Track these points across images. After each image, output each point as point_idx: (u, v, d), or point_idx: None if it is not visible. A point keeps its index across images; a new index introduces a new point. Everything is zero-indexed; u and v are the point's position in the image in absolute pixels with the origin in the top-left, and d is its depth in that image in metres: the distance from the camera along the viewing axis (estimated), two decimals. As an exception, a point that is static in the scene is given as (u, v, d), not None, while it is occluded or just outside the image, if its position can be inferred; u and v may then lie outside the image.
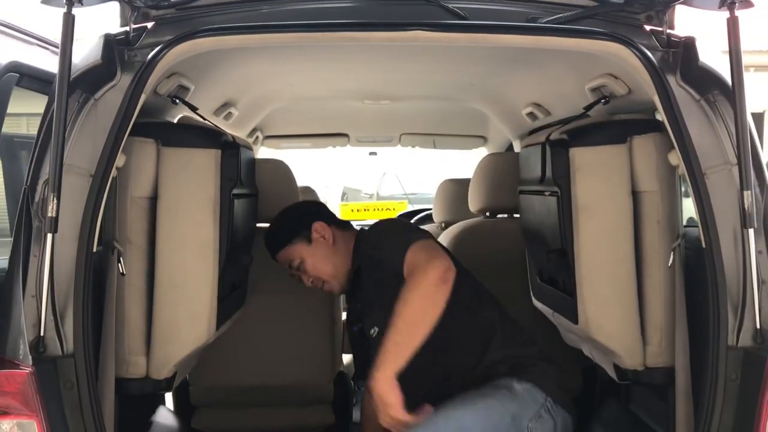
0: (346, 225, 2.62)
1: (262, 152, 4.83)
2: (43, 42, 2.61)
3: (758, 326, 1.89)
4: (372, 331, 2.36)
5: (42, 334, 1.86)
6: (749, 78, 1.91)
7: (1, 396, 1.84)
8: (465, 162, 6.25)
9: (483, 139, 4.82)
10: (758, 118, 20.81)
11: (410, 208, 6.58)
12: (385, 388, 2.01)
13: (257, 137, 4.40)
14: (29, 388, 1.82)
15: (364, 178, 10.79)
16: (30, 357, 1.84)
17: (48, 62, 2.44)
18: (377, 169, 9.51)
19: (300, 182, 3.24)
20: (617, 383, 2.38)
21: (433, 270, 2.09)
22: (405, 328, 2.04)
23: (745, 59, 1.90)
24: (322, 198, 4.97)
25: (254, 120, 3.97)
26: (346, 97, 3.80)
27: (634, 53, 1.98)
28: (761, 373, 1.84)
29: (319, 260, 2.49)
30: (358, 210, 6.82)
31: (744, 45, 1.89)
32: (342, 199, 10.19)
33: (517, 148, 4.19)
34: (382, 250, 2.30)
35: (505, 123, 3.94)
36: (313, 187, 4.00)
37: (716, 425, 1.89)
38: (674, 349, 2.12)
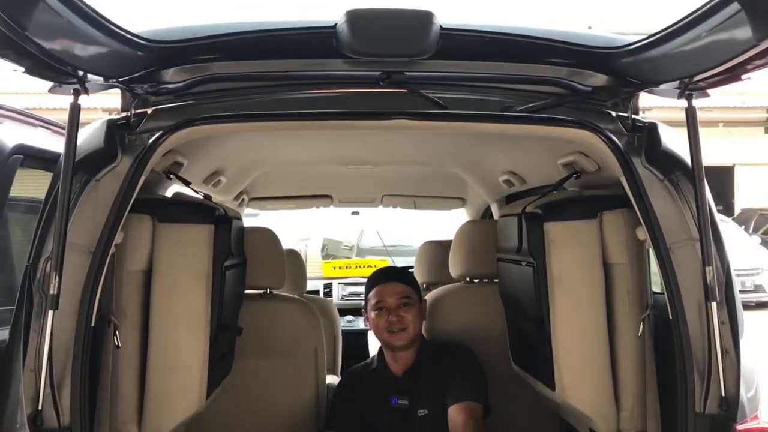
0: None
1: (247, 211, 4.93)
2: (45, 123, 2.72)
3: (723, 394, 1.99)
4: (420, 412, 2.78)
5: (40, 407, 1.90)
6: (719, 132, 2.07)
7: (-1, 469, 1.90)
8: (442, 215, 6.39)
9: (462, 201, 4.97)
10: (728, 171, 21.35)
11: (391, 264, 6.67)
12: None
13: (243, 199, 4.51)
14: (27, 461, 1.87)
15: (345, 230, 10.87)
16: (28, 430, 1.89)
17: (50, 142, 2.55)
18: (358, 224, 9.62)
19: (279, 233, 3.32)
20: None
21: None
22: None
23: (715, 115, 2.07)
24: (302, 251, 5.04)
25: (241, 185, 4.08)
26: (330, 162, 3.94)
27: (602, 139, 2.14)
28: (727, 440, 1.94)
29: (418, 319, 2.87)
30: (340, 267, 6.90)
31: (714, 101, 2.04)
32: (322, 251, 10.24)
33: (494, 210, 4.34)
34: (463, 375, 2.77)
35: (483, 188, 4.09)
36: (293, 240, 4.09)
37: None
38: (646, 415, 2.22)
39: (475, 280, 3.38)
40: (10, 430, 1.91)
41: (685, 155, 2.12)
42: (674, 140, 2.20)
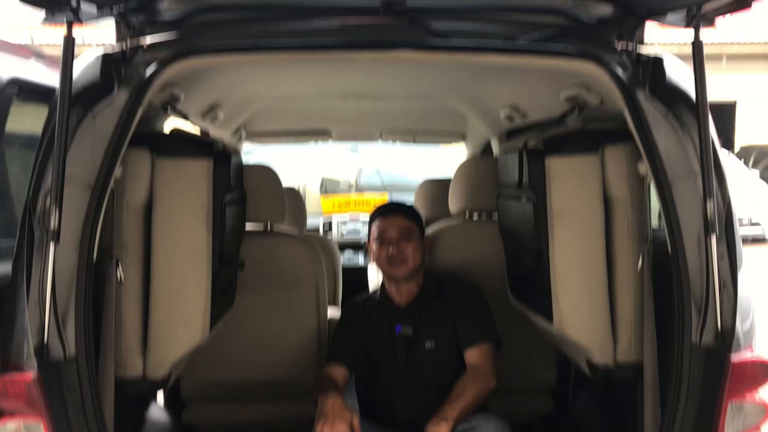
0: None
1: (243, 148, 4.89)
2: (39, 55, 2.67)
3: (719, 326, 2.02)
4: (428, 344, 2.81)
5: (45, 339, 1.94)
6: (722, 68, 2.04)
7: (8, 398, 1.93)
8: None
9: (462, 135, 4.93)
10: (730, 108, 21.16)
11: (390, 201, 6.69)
12: (442, 430, 2.45)
13: (241, 134, 4.47)
14: (34, 391, 1.91)
15: (343, 169, 10.86)
16: (35, 361, 1.92)
17: (44, 74, 2.51)
18: (356, 162, 9.58)
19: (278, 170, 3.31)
20: (589, 376, 2.52)
21: (491, 384, 2.67)
22: (465, 407, 2.55)
23: (718, 49, 2.03)
24: (301, 190, 5.03)
25: (239, 119, 4.04)
26: (328, 96, 3.89)
27: (606, 71, 2.10)
28: (722, 370, 1.98)
29: (418, 252, 2.85)
30: (339, 204, 6.91)
31: (717, 35, 2.01)
32: (321, 190, 10.25)
33: (495, 145, 4.32)
34: (481, 314, 2.82)
35: (484, 122, 4.06)
36: (291, 177, 4.07)
37: (681, 416, 2.02)
38: (642, 347, 2.26)
39: (474, 217, 3.39)
40: (18, 362, 1.95)
41: (690, 89, 2.09)
42: (680, 72, 2.17)
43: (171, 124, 2.87)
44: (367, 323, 2.90)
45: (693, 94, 2.06)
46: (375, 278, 4.72)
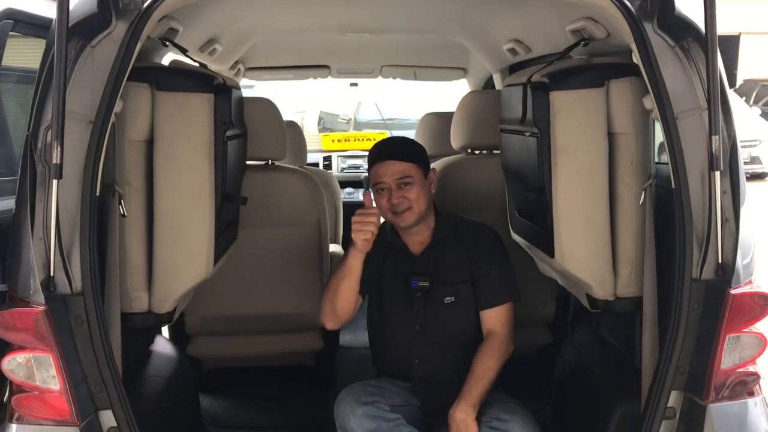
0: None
1: (243, 82, 4.83)
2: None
3: (720, 261, 2.04)
4: (447, 299, 2.69)
5: (52, 274, 1.96)
6: (724, 1, 2.00)
7: (17, 332, 1.97)
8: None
9: (463, 71, 4.87)
10: (734, 40, 20.85)
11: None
12: (471, 418, 2.48)
13: (239, 69, 4.42)
14: (43, 325, 1.94)
15: (341, 104, 10.74)
16: (42, 296, 1.95)
17: (40, 6, 2.45)
18: (355, 95, 9.47)
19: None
20: (589, 310, 2.55)
21: (510, 351, 2.64)
22: (488, 387, 2.55)
23: None
24: (299, 124, 4.99)
25: (237, 54, 3.98)
26: (328, 29, 3.82)
27: (613, 2, 2.06)
28: (721, 304, 2.01)
29: (423, 196, 2.66)
30: (338, 140, 6.87)
31: None
32: (319, 124, 10.15)
33: (497, 81, 4.27)
34: (498, 269, 2.69)
35: (486, 57, 4.00)
36: (288, 113, 4.04)
37: (678, 349, 2.06)
38: (642, 281, 2.29)
39: (477, 152, 3.37)
40: (25, 296, 1.97)
41: (699, 21, 2.05)
42: (689, 4, 2.12)
43: (169, 58, 2.83)
44: (382, 263, 2.74)
45: (702, 27, 2.02)
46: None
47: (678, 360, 2.05)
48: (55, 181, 1.91)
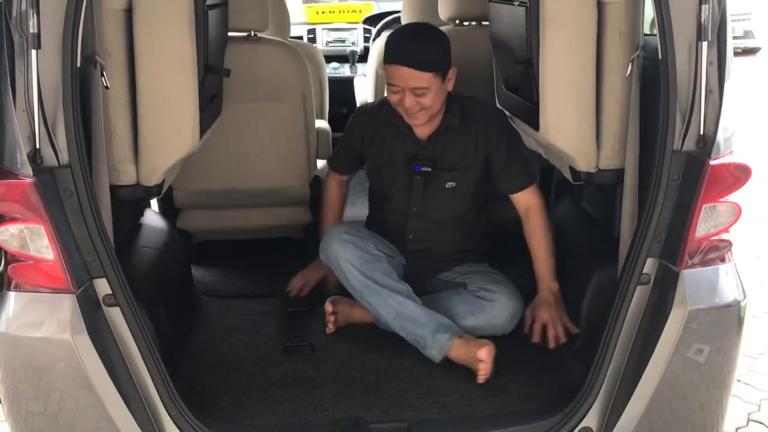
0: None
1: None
2: None
3: (702, 132, 2.07)
4: (449, 184, 2.75)
5: (38, 146, 1.95)
6: None
7: (7, 203, 1.98)
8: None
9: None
10: None
11: (377, 9, 6.47)
12: (554, 309, 2.65)
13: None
14: (32, 196, 1.95)
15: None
16: (29, 168, 1.95)
17: None
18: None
19: None
20: (571, 183, 2.60)
21: (545, 218, 2.78)
22: (552, 256, 2.74)
23: None
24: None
25: None
26: None
27: None
28: (699, 174, 2.04)
29: (438, 100, 2.63)
30: (323, 12, 6.67)
31: None
32: (303, -3, 9.83)
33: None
34: (515, 157, 2.75)
35: None
36: None
37: (656, 218, 2.11)
38: (625, 153, 2.32)
39: (465, 23, 3.31)
40: (12, 168, 1.98)
41: None
42: None
43: None
44: (383, 144, 2.77)
45: None
46: (362, 90, 4.68)
47: (655, 228, 2.11)
48: (34, 51, 1.87)
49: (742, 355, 2.31)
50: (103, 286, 2.05)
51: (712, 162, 2.04)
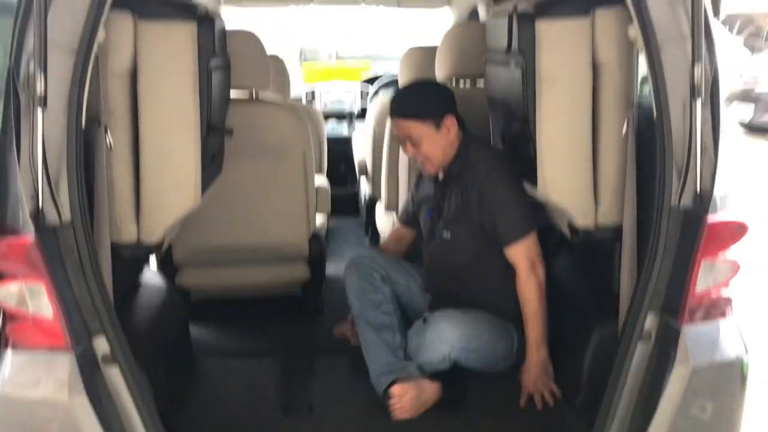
0: (462, 123, 2.79)
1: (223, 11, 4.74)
2: None
3: (698, 189, 2.09)
4: (445, 234, 2.77)
5: (40, 205, 1.96)
6: None
7: (8, 261, 1.98)
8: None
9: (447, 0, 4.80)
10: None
11: (374, 68, 6.59)
12: (540, 375, 2.64)
13: (219, -3, 4.33)
14: (34, 255, 1.95)
15: (323, 38, 10.58)
16: (31, 226, 1.96)
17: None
18: (336, 29, 9.32)
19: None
20: (570, 239, 2.62)
21: (541, 274, 2.69)
22: (537, 319, 2.67)
23: None
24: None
25: (217, -19, 3.90)
26: None
27: None
28: (697, 231, 2.06)
29: (437, 148, 2.69)
30: (320, 72, 6.80)
31: None
32: (300, 58, 10.01)
33: (481, 11, 4.22)
34: (499, 210, 2.66)
35: (471, -14, 3.95)
36: (271, 49, 3.99)
37: (656, 274, 2.12)
38: (623, 209, 2.34)
39: (461, 84, 3.37)
40: (14, 226, 1.98)
41: None
42: None
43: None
44: (422, 181, 2.96)
45: (686, -44, 2.02)
46: (360, 148, 4.74)
47: (655, 285, 2.12)
48: (39, 111, 1.90)
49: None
50: (101, 345, 2.03)
51: (709, 218, 2.06)
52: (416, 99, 2.75)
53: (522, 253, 2.66)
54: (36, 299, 1.99)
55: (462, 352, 2.61)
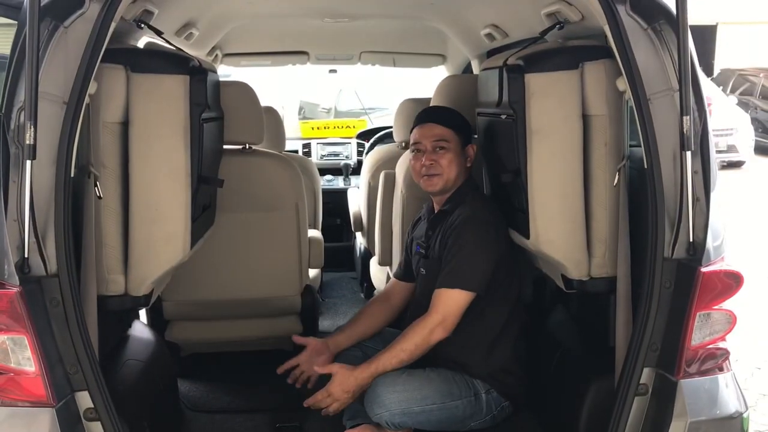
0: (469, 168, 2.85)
1: (221, 69, 4.81)
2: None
3: (691, 240, 2.08)
4: (422, 270, 2.80)
5: (26, 255, 1.94)
6: None
7: (-9, 313, 1.95)
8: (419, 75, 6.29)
9: (442, 58, 4.88)
10: (711, 30, 21.01)
11: (370, 125, 6.65)
12: (366, 384, 2.52)
13: (217, 55, 4.39)
14: (17, 307, 1.92)
15: (321, 93, 10.72)
16: (16, 277, 1.93)
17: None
18: (335, 84, 9.44)
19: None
20: (564, 292, 2.59)
21: (439, 334, 2.54)
22: (396, 362, 2.54)
23: None
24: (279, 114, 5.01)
25: (214, 39, 3.96)
26: (305, 15, 3.81)
27: None
28: (691, 282, 2.04)
29: (454, 166, 2.75)
30: (318, 128, 6.86)
31: None
32: (299, 114, 10.12)
33: (475, 67, 4.28)
34: (453, 256, 2.61)
35: (464, 43, 4.01)
36: (269, 102, 4.04)
37: (651, 327, 2.09)
38: (616, 261, 2.32)
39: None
40: (0, 279, 1.96)
41: (671, 4, 2.08)
42: None
43: (145, 41, 2.81)
44: (415, 231, 2.97)
45: (674, 10, 2.05)
46: (355, 201, 4.74)
47: (650, 337, 2.09)
48: (29, 162, 1.89)
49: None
50: (84, 400, 1.99)
51: (703, 269, 2.04)
52: (456, 115, 2.86)
53: (443, 302, 2.54)
54: (18, 352, 1.95)
55: (405, 417, 2.48)
